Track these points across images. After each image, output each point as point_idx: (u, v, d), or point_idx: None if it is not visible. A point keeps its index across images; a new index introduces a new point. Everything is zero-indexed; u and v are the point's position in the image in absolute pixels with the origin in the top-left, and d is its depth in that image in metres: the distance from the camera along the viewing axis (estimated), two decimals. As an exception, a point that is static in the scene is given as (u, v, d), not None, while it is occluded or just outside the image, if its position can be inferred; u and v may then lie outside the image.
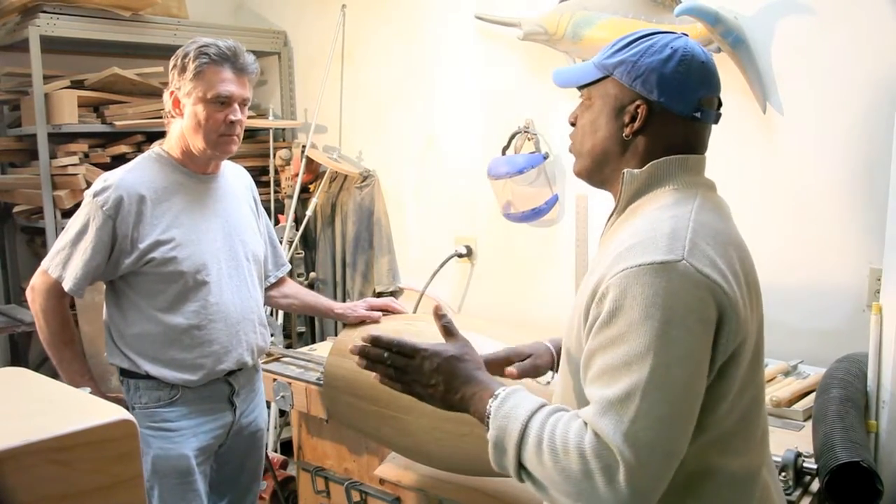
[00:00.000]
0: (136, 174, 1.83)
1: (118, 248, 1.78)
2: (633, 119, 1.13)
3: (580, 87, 1.22)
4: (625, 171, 1.14)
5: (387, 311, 2.03)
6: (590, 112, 1.19)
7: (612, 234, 1.16)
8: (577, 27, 2.42)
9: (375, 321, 1.99)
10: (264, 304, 2.05)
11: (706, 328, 1.00)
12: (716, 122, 1.17)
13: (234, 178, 2.01)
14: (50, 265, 1.80)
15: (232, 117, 1.80)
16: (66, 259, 1.79)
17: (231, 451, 2.01)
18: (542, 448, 1.01)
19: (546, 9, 2.52)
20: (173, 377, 1.83)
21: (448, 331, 1.22)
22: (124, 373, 1.88)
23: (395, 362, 1.19)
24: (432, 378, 1.17)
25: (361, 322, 2.01)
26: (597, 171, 1.20)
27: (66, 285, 1.78)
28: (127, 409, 1.83)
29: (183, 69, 1.77)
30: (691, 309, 0.99)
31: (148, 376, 1.84)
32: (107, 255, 1.78)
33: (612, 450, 0.96)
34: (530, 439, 1.03)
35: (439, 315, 1.23)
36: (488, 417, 1.09)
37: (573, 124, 1.23)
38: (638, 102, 1.12)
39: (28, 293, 1.85)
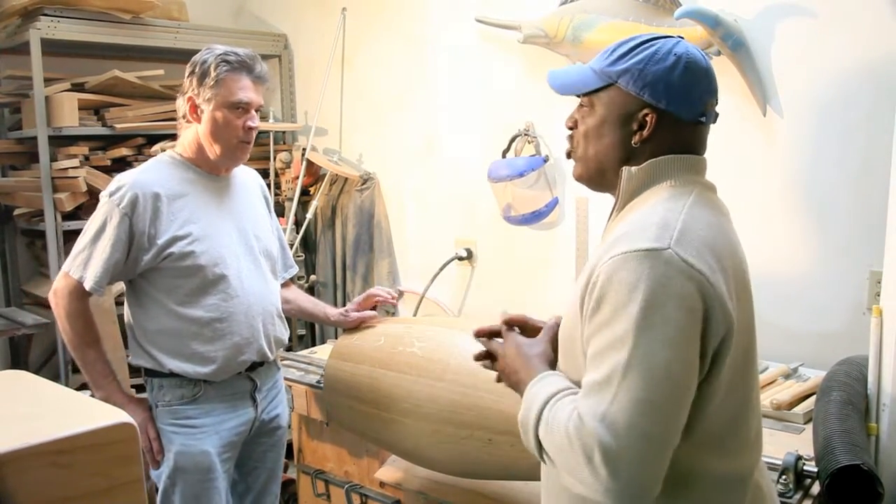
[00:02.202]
0: (150, 174, 1.87)
1: (136, 245, 1.81)
2: (641, 127, 1.14)
3: (582, 95, 1.21)
4: (623, 168, 1.15)
5: (374, 303, 2.08)
6: (592, 118, 1.19)
7: (610, 228, 1.18)
8: (577, 30, 2.42)
9: (371, 317, 2.03)
10: None
11: (690, 317, 1.01)
12: (714, 121, 1.18)
13: (245, 177, 2.06)
14: (71, 267, 1.83)
15: (250, 123, 1.87)
16: (86, 259, 1.82)
17: (251, 448, 2.03)
18: (545, 429, 1.07)
19: (546, 12, 2.53)
20: (195, 372, 1.86)
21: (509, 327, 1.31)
22: (148, 372, 1.91)
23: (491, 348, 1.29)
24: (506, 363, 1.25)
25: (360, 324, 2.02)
26: (599, 176, 1.21)
27: (87, 284, 1.81)
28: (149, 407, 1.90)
29: (202, 76, 1.82)
30: (673, 296, 1.00)
31: (171, 374, 1.86)
32: (125, 253, 1.81)
33: (589, 431, 0.98)
34: (542, 421, 1.08)
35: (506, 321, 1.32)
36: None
37: (571, 128, 1.24)
38: (646, 111, 1.13)
39: (51, 297, 1.87)
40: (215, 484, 1.89)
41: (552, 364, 1.21)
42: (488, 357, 1.29)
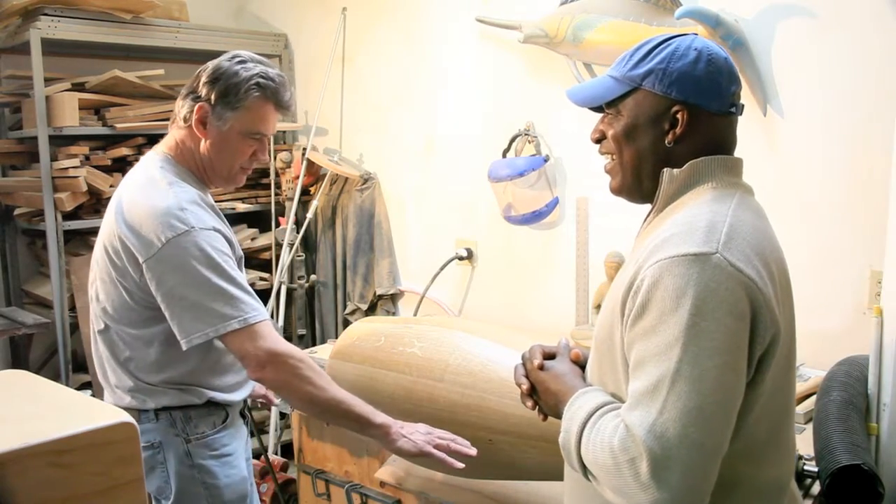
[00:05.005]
0: (200, 207, 1.61)
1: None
2: (673, 125, 1.13)
3: (607, 105, 1.19)
4: (664, 170, 1.14)
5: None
6: (620, 126, 1.16)
7: (649, 230, 1.15)
8: (577, 30, 2.42)
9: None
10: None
11: (739, 322, 0.99)
12: (741, 113, 1.18)
13: None
14: (241, 323, 1.53)
15: (259, 154, 1.70)
16: (240, 300, 1.55)
17: None
18: (587, 449, 1.03)
19: (546, 12, 2.53)
20: (225, 399, 1.71)
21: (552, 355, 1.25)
22: (170, 409, 1.66)
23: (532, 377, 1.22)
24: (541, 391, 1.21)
25: (365, 324, 2.02)
26: (636, 184, 1.18)
27: (264, 317, 1.56)
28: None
29: (226, 92, 1.60)
30: (722, 301, 0.98)
31: (205, 403, 1.68)
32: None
33: (638, 442, 0.95)
34: (583, 441, 1.05)
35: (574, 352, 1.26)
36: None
37: (598, 141, 1.21)
38: (677, 108, 1.12)
39: (266, 373, 1.55)
40: None
41: (582, 378, 1.19)
42: (533, 390, 1.22)
